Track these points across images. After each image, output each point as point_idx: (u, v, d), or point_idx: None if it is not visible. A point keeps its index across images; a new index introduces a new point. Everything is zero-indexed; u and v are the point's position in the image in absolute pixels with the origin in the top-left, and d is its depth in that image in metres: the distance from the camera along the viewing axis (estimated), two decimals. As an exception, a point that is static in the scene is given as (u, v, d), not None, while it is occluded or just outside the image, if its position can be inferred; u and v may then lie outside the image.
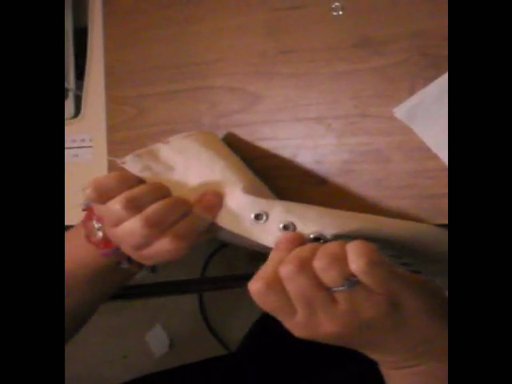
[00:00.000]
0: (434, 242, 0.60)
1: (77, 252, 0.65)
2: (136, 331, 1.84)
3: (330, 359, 0.83)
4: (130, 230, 0.56)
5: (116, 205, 0.56)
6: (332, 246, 0.51)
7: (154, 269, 0.69)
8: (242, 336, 1.13)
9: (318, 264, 0.50)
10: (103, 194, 0.57)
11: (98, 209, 0.59)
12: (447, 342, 0.51)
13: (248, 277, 0.53)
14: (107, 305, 0.77)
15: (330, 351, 0.60)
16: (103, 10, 0.76)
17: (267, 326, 1.09)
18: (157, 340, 1.83)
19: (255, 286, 0.52)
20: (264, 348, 1.02)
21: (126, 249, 0.59)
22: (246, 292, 0.54)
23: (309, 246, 0.53)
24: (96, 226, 0.63)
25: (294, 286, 0.51)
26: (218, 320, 1.81)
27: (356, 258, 0.49)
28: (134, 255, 0.59)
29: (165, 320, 1.84)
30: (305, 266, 0.50)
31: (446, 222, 0.60)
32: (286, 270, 0.51)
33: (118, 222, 0.57)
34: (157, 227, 0.56)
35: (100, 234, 0.62)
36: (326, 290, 0.50)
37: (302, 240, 0.56)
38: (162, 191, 0.59)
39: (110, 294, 0.73)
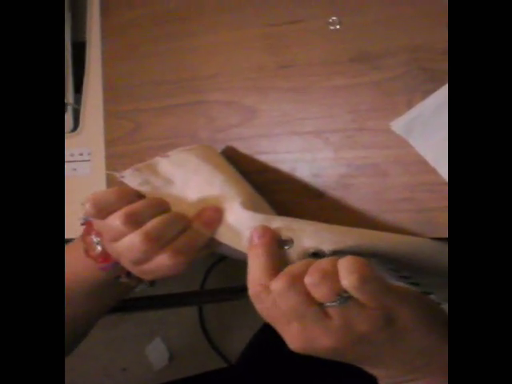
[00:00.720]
0: (432, 256, 0.60)
1: (75, 266, 0.65)
2: (135, 344, 1.83)
3: (328, 373, 0.82)
4: (129, 245, 0.56)
5: (115, 220, 0.56)
6: (324, 262, 0.51)
7: (152, 283, 0.69)
8: (242, 349, 1.13)
9: (309, 280, 0.50)
10: (102, 210, 0.57)
11: (97, 224, 0.59)
12: (445, 356, 0.51)
13: (247, 290, 0.54)
14: (107, 317, 0.77)
15: (329, 365, 0.60)
16: (101, 25, 0.77)
17: (267, 339, 1.09)
18: (156, 353, 1.82)
19: (253, 290, 0.53)
20: (264, 361, 1.02)
21: (125, 263, 0.59)
22: (245, 304, 0.54)
23: (302, 263, 0.53)
24: (95, 240, 0.63)
25: (285, 301, 0.51)
26: (218, 333, 1.80)
27: (347, 274, 0.49)
28: (134, 270, 0.59)
29: (164, 333, 1.83)
30: (295, 282, 0.50)
31: (444, 235, 0.60)
32: (276, 286, 0.51)
33: (118, 238, 0.57)
34: (156, 242, 0.56)
35: (99, 248, 0.62)
36: (318, 305, 0.50)
37: (271, 232, 0.56)
38: (161, 206, 0.59)
39: (109, 308, 0.73)
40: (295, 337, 0.52)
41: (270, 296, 0.52)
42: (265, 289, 0.52)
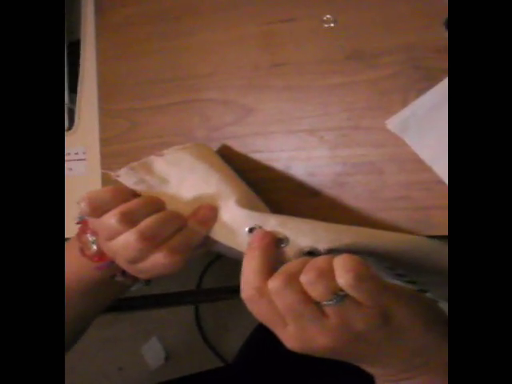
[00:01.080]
0: (428, 254, 0.60)
1: (71, 265, 0.65)
2: (132, 343, 1.83)
3: (325, 372, 0.82)
4: (124, 243, 0.56)
5: (111, 219, 0.56)
6: (319, 261, 0.51)
7: (148, 282, 0.69)
8: (238, 348, 1.13)
9: (305, 278, 0.50)
10: (98, 208, 0.57)
11: (93, 223, 0.59)
12: (443, 354, 0.51)
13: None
14: (103, 317, 0.77)
15: (326, 363, 0.60)
16: (96, 24, 0.77)
17: (263, 338, 1.09)
18: (152, 352, 1.82)
19: (247, 293, 0.53)
20: (261, 359, 1.02)
21: (121, 262, 0.59)
22: (241, 303, 0.54)
23: (298, 261, 0.53)
24: (90, 239, 0.62)
25: (282, 300, 0.51)
26: (214, 332, 1.80)
27: (343, 273, 0.49)
28: (129, 269, 0.59)
29: (160, 332, 1.83)
30: (292, 280, 0.50)
31: (440, 233, 0.60)
32: (273, 285, 0.51)
33: (113, 236, 0.57)
34: (151, 241, 0.56)
35: (94, 247, 0.62)
36: (315, 304, 0.50)
37: (271, 237, 0.56)
38: (156, 205, 0.59)
39: (105, 306, 0.73)
40: (292, 337, 0.52)
41: (264, 298, 0.52)
42: (258, 292, 0.52)
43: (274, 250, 0.56)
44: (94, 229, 0.61)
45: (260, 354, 1.04)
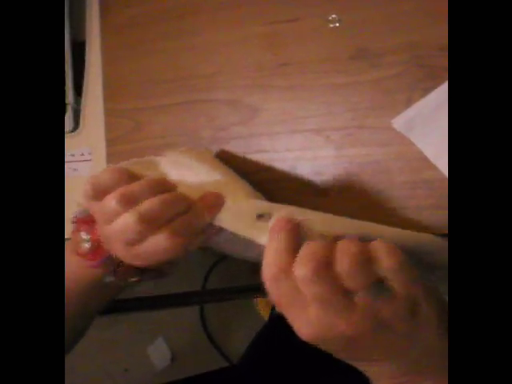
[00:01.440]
0: (433, 252, 0.60)
1: (68, 266, 0.64)
2: (137, 344, 1.83)
3: (333, 369, 0.82)
4: (123, 224, 0.54)
5: (111, 201, 0.54)
6: (352, 247, 0.49)
7: (139, 280, 0.65)
8: (244, 348, 1.12)
9: (341, 268, 0.48)
10: (101, 192, 0.56)
11: (94, 207, 0.57)
12: (444, 356, 0.50)
13: (249, 289, 0.53)
14: (108, 318, 0.77)
15: (335, 362, 0.59)
16: (100, 24, 0.77)
17: (269, 338, 1.09)
18: (158, 353, 1.82)
19: (270, 272, 0.50)
20: (267, 360, 1.02)
21: (119, 248, 0.57)
22: (246, 304, 0.53)
23: (322, 246, 0.50)
24: (84, 237, 0.61)
25: (309, 289, 0.48)
26: (220, 332, 1.80)
27: (387, 257, 0.48)
28: (128, 254, 0.57)
29: (166, 333, 1.83)
30: (322, 270, 0.48)
31: (445, 231, 0.60)
32: (300, 273, 0.48)
33: (112, 218, 0.55)
34: (151, 223, 0.54)
35: (86, 245, 0.61)
36: (345, 292, 0.48)
37: (295, 222, 0.53)
38: (162, 186, 0.58)
39: (102, 308, 0.71)
40: (311, 322, 0.49)
41: (288, 279, 0.49)
42: (282, 272, 0.49)
43: (299, 233, 0.53)
44: (94, 214, 0.58)
45: (266, 354, 1.04)
